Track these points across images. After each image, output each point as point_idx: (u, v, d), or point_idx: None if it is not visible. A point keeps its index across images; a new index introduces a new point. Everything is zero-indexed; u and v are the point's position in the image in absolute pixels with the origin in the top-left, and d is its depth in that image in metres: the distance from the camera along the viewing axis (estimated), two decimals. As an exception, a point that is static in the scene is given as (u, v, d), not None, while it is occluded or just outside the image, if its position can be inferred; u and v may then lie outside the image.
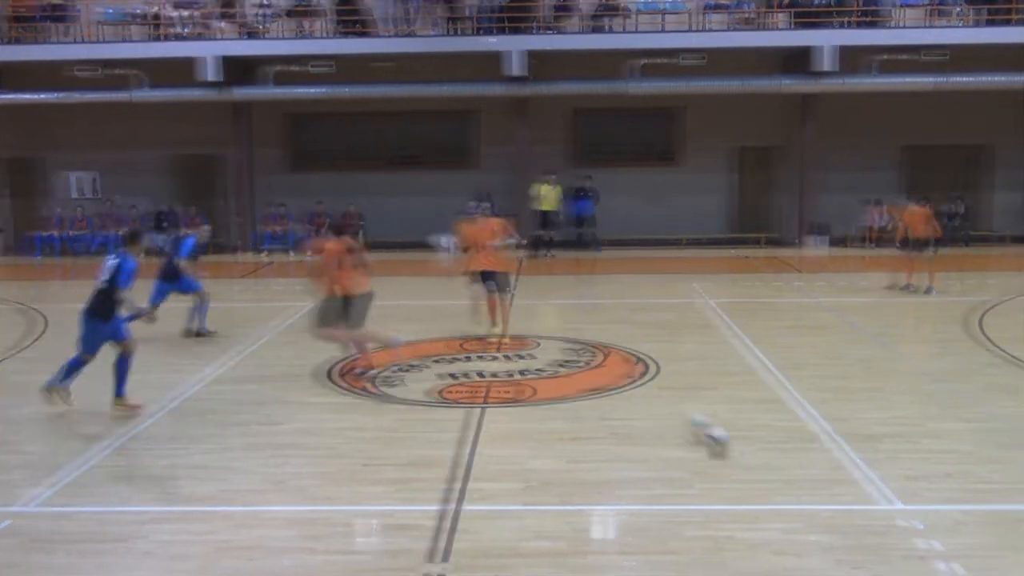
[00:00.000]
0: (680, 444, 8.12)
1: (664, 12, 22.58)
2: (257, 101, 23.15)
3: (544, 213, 22.16)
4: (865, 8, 22.19)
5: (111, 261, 9.14)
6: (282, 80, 22.21)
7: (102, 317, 9.08)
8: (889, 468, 7.52)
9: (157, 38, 22.67)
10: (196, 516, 6.80)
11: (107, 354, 9.24)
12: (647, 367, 10.91)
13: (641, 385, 10.22)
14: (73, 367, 9.22)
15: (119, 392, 9.22)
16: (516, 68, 21.43)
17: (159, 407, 9.46)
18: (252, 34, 22.74)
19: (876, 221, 22.98)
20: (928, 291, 15.79)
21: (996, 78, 21.34)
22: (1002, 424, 8.76)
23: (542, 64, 22.26)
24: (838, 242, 23.12)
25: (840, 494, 7.06)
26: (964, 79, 21.19)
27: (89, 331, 9.11)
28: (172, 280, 12.78)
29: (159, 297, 12.55)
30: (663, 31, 22.22)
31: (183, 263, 12.81)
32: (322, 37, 22.61)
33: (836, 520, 6.58)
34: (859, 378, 10.54)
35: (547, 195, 21.85)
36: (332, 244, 10.49)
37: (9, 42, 23.00)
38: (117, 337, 9.19)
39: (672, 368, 10.83)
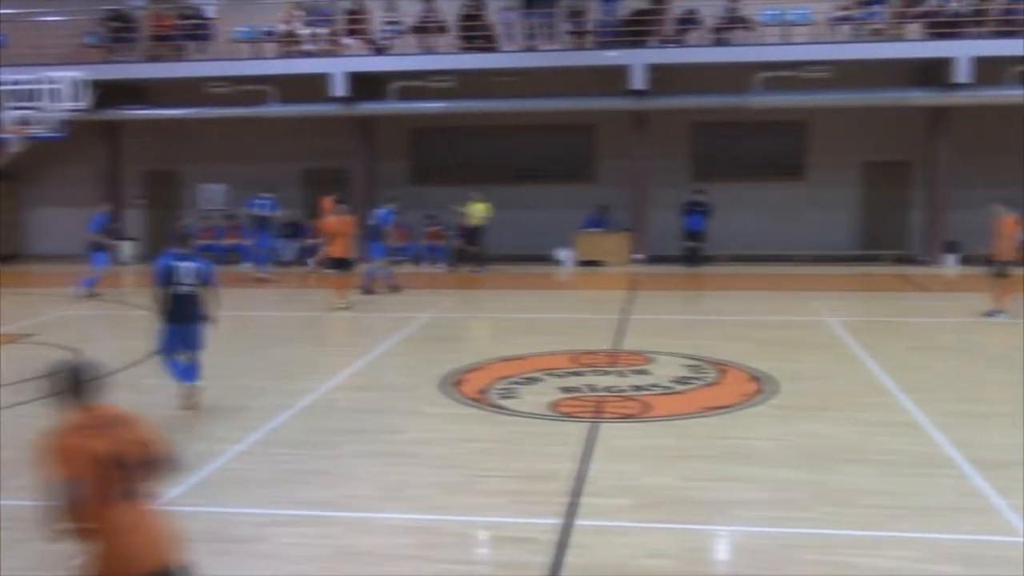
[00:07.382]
0: (799, 466, 7.94)
1: (790, 24, 22.12)
2: (382, 116, 23.69)
3: (472, 229, 22.30)
4: (1002, 17, 21.30)
5: None
6: (406, 95, 22.68)
7: None
8: (1021, 497, 7.19)
9: (288, 55, 23.42)
10: (315, 520, 6.98)
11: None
12: (766, 386, 10.70)
13: (759, 404, 10.03)
14: None
15: None
16: (637, 82, 21.35)
17: (281, 413, 9.74)
18: (379, 50, 23.26)
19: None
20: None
21: None
22: None
23: (663, 77, 22.10)
24: (969, 260, 22.17)
25: (969, 523, 6.77)
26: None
27: None
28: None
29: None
30: (789, 43, 21.78)
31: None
32: (446, 53, 22.97)
33: (965, 550, 6.33)
34: (988, 402, 10.11)
35: (476, 210, 21.81)
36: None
37: (150, 60, 24.12)
38: None
39: (792, 387, 10.59)
